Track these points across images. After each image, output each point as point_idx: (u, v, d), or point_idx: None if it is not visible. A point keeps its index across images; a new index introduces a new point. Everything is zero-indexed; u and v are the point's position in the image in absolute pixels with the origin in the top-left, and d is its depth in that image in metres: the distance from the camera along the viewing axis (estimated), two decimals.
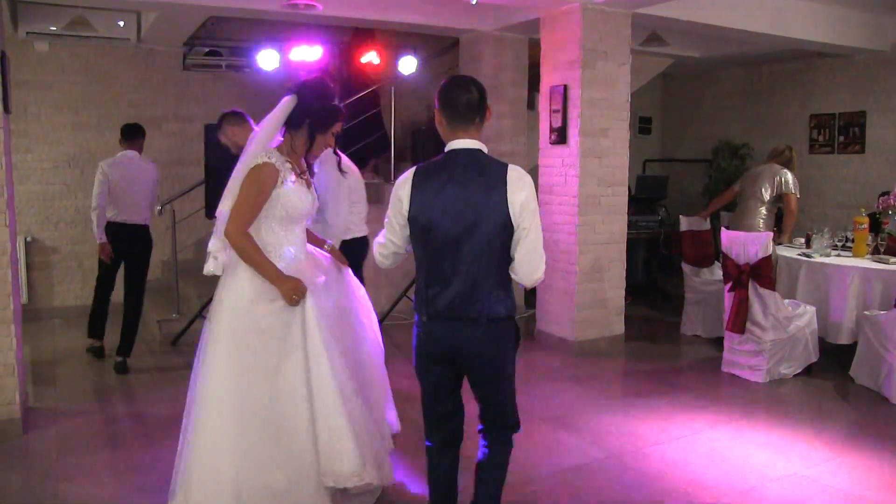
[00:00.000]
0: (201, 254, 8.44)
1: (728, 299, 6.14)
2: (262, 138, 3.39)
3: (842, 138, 9.97)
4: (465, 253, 2.95)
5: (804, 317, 6.08)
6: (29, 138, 8.29)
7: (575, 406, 5.33)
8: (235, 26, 8.64)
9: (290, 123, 3.42)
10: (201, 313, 6.87)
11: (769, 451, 4.62)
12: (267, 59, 7.56)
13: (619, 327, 7.30)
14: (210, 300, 6.62)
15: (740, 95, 11.31)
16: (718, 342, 6.63)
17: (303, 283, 3.33)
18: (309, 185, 3.52)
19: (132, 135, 6.69)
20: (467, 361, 3.04)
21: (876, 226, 6.94)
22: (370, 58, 7.83)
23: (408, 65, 8.08)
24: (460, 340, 3.01)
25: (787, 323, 5.97)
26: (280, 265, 3.35)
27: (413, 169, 3.05)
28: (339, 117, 3.56)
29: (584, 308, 6.95)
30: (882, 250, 6.57)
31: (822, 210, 10.02)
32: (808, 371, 6.18)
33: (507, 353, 3.08)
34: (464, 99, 2.98)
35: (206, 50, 8.75)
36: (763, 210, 7.09)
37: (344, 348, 3.44)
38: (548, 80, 7.20)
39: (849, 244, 6.95)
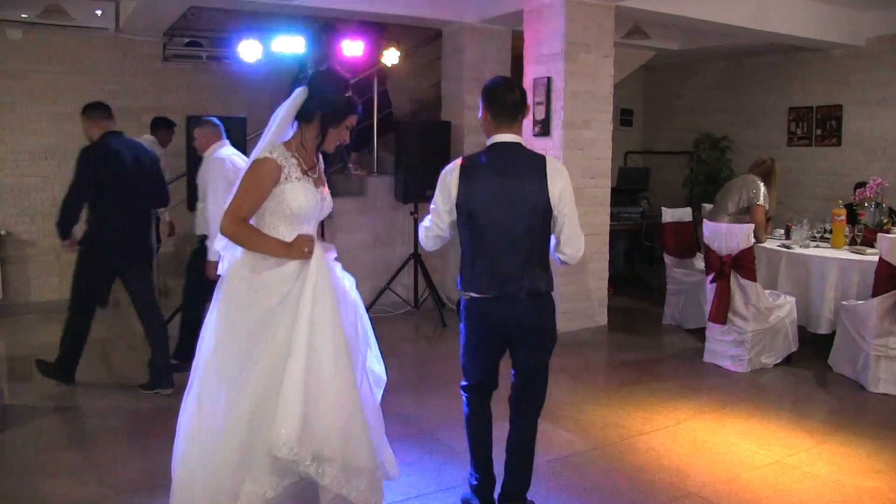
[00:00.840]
0: (182, 245, 8.46)
1: (710, 290, 6.19)
2: (273, 132, 3.24)
3: (819, 131, 10.07)
4: (508, 236, 3.30)
5: (784, 307, 6.16)
6: (2, 128, 8.19)
7: (559, 397, 5.36)
8: (216, 17, 8.59)
9: (302, 116, 3.25)
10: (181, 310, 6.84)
11: (751, 439, 4.67)
12: (249, 50, 7.52)
13: (602, 318, 7.35)
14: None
15: (720, 88, 11.39)
16: (700, 332, 6.69)
17: (308, 237, 3.19)
18: (320, 183, 3.35)
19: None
20: (516, 333, 3.38)
21: (853, 217, 7.03)
22: (354, 49, 7.79)
23: (390, 56, 8.06)
24: (507, 315, 3.34)
25: (767, 313, 6.04)
26: (284, 267, 3.15)
27: (458, 160, 3.38)
28: (353, 110, 3.33)
29: (567, 299, 6.99)
30: (859, 241, 6.66)
31: (801, 201, 10.13)
32: (789, 360, 6.26)
33: (551, 323, 3.49)
34: (510, 98, 3.36)
35: (187, 40, 8.68)
36: (726, 220, 7.15)
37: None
38: (531, 72, 7.21)
39: (827, 235, 7.03)
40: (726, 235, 6.03)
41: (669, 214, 7.65)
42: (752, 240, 5.97)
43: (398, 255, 8.15)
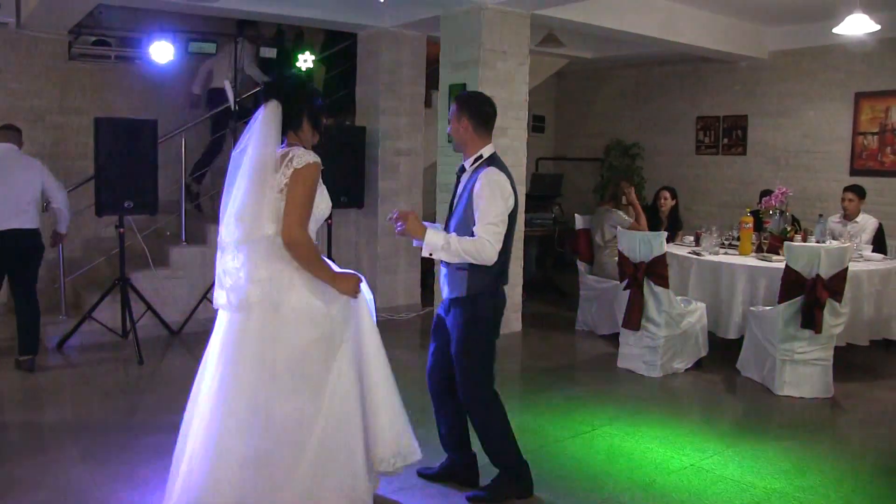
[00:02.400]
0: (90, 252, 8.16)
1: (624, 297, 6.29)
2: (269, 150, 3.22)
3: (726, 140, 10.39)
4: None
5: (695, 313, 6.31)
6: None
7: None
8: (126, 15, 8.30)
9: (289, 125, 3.33)
10: (90, 314, 6.60)
11: (666, 444, 4.76)
12: (161, 51, 7.30)
13: (516, 324, 7.40)
14: (101, 299, 6.43)
15: (631, 96, 11.63)
16: (613, 338, 6.80)
17: (356, 275, 3.43)
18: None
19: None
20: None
21: (759, 224, 7.25)
22: (268, 53, 7.68)
23: (305, 60, 7.96)
24: (503, 306, 3.88)
25: (679, 319, 6.17)
26: (342, 301, 3.37)
27: (497, 170, 3.64)
28: (320, 96, 3.54)
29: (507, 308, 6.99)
30: (765, 248, 6.88)
31: (708, 208, 10.42)
32: (699, 365, 6.41)
33: None
34: (493, 111, 3.82)
35: (95, 39, 8.35)
36: (605, 251, 7.41)
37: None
38: (447, 78, 7.21)
39: (735, 242, 7.23)
40: (640, 243, 6.14)
41: (582, 221, 7.76)
42: (665, 248, 6.09)
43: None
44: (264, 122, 3.25)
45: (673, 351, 6.23)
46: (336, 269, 3.38)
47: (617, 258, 6.58)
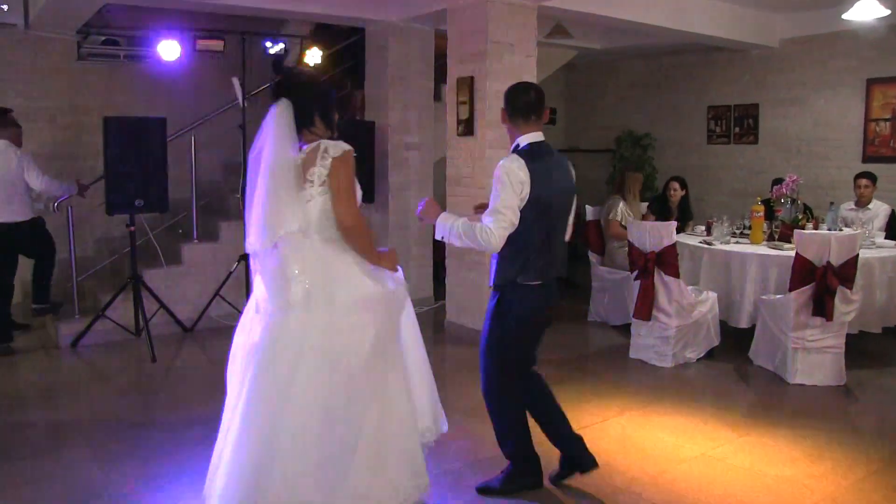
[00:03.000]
0: (102, 251, 8.22)
1: (635, 287, 6.28)
2: (283, 149, 3.18)
3: (737, 129, 10.34)
4: (563, 225, 3.77)
5: (706, 303, 6.29)
6: None
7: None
8: (134, 14, 8.34)
9: (303, 123, 3.26)
10: (103, 312, 6.64)
11: (677, 433, 4.76)
12: (168, 50, 7.33)
13: None
14: (113, 297, 6.47)
15: (641, 87, 11.59)
16: (625, 329, 6.79)
17: (394, 250, 3.49)
18: None
19: None
20: (546, 313, 3.81)
21: (770, 213, 7.22)
22: (276, 48, 7.69)
23: (313, 55, 7.97)
24: (550, 297, 3.77)
25: (690, 309, 6.16)
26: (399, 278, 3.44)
27: (516, 156, 3.58)
28: (332, 90, 3.52)
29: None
30: (776, 237, 6.84)
31: (720, 198, 10.38)
32: (711, 354, 6.39)
33: None
34: (531, 100, 3.70)
35: (103, 38, 8.40)
36: (613, 241, 7.54)
37: None
38: (454, 71, 7.21)
39: (746, 231, 7.20)
40: (650, 233, 6.13)
41: (593, 212, 7.75)
42: (675, 238, 6.08)
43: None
44: (277, 121, 3.21)
45: (685, 341, 6.21)
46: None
47: (626, 249, 6.58)
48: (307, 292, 3.14)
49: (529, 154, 3.60)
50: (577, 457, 3.94)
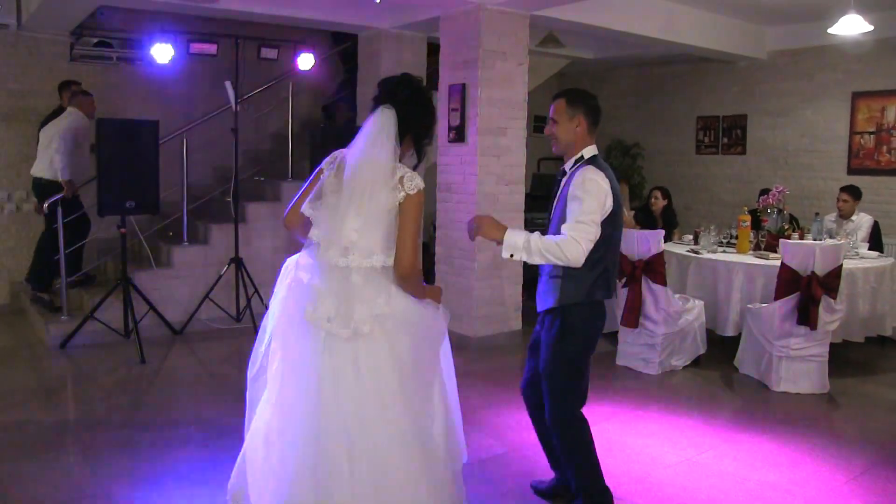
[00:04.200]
0: (92, 252, 8.22)
1: (622, 295, 6.34)
2: (382, 163, 2.96)
3: (725, 140, 10.44)
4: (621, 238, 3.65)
5: (693, 311, 6.35)
6: None
7: (476, 402, 5.40)
8: (127, 17, 8.36)
9: (401, 138, 3.06)
10: (92, 314, 6.65)
11: (662, 439, 4.81)
12: (162, 52, 7.35)
13: (517, 323, 7.44)
14: (103, 299, 6.48)
15: (632, 96, 11.68)
16: (612, 336, 6.84)
17: (440, 290, 3.29)
18: None
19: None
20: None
21: (757, 223, 7.30)
22: (269, 53, 7.71)
23: (306, 61, 8.00)
24: (605, 315, 3.66)
25: (677, 317, 6.22)
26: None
27: (595, 169, 3.42)
28: (436, 119, 3.26)
29: (483, 305, 7.05)
30: (763, 246, 6.93)
31: (708, 207, 10.47)
32: (697, 362, 6.45)
33: None
34: (600, 110, 3.62)
35: (96, 40, 8.42)
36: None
37: None
38: (446, 78, 7.26)
39: (733, 241, 7.28)
40: (638, 241, 6.19)
41: None
42: (663, 246, 6.14)
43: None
44: (378, 131, 3.00)
45: (671, 348, 6.28)
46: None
47: None
48: (369, 318, 2.94)
49: (600, 165, 3.46)
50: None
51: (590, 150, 3.52)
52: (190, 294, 7.44)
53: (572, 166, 3.52)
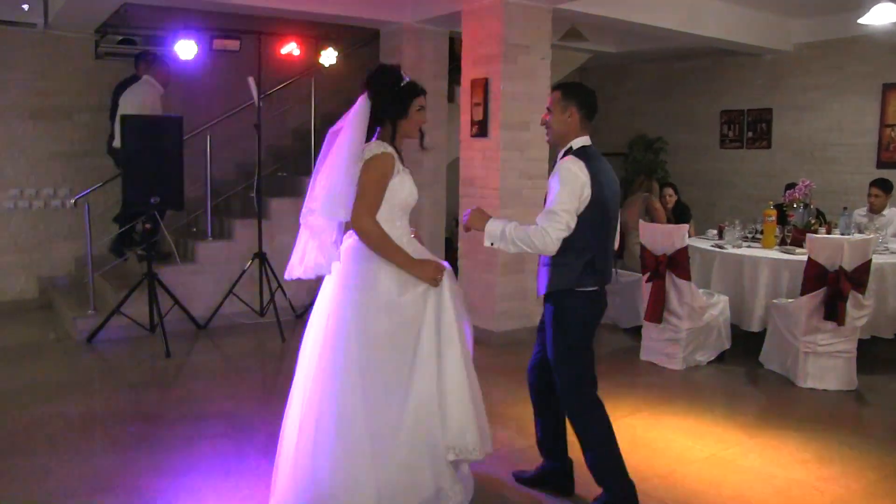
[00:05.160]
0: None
1: (646, 290, 6.30)
2: (354, 144, 3.35)
3: (750, 134, 10.34)
4: (615, 229, 3.68)
5: (718, 306, 6.30)
6: None
7: (499, 396, 5.39)
8: (151, 14, 8.41)
9: (376, 121, 3.43)
10: (118, 309, 6.70)
11: (687, 434, 4.78)
12: (185, 49, 7.38)
13: (538, 318, 7.39)
14: (129, 294, 6.54)
15: (655, 90, 11.60)
16: (636, 331, 6.81)
17: (439, 262, 3.42)
18: (409, 174, 3.51)
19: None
20: (598, 320, 3.71)
21: (783, 218, 7.22)
22: (290, 49, 7.72)
23: (328, 57, 8.01)
24: (604, 303, 3.69)
25: (702, 312, 6.17)
26: (419, 290, 3.37)
27: (575, 158, 3.49)
28: (415, 93, 3.50)
29: (505, 299, 7.04)
30: (788, 241, 6.85)
31: (733, 202, 10.38)
32: (722, 358, 6.40)
33: None
34: (596, 105, 3.68)
35: (120, 38, 8.48)
36: (635, 235, 7.43)
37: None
38: (469, 73, 7.24)
39: (758, 235, 7.21)
40: (662, 236, 6.15)
41: None
42: (687, 241, 6.09)
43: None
44: (354, 116, 3.39)
45: (695, 343, 6.23)
46: (418, 255, 3.40)
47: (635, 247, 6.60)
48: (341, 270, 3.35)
49: (586, 156, 3.52)
50: (561, 475, 3.92)
51: (579, 141, 3.61)
52: (214, 289, 7.49)
53: (562, 157, 3.61)
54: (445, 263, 3.48)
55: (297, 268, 3.46)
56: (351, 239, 3.42)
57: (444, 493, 3.36)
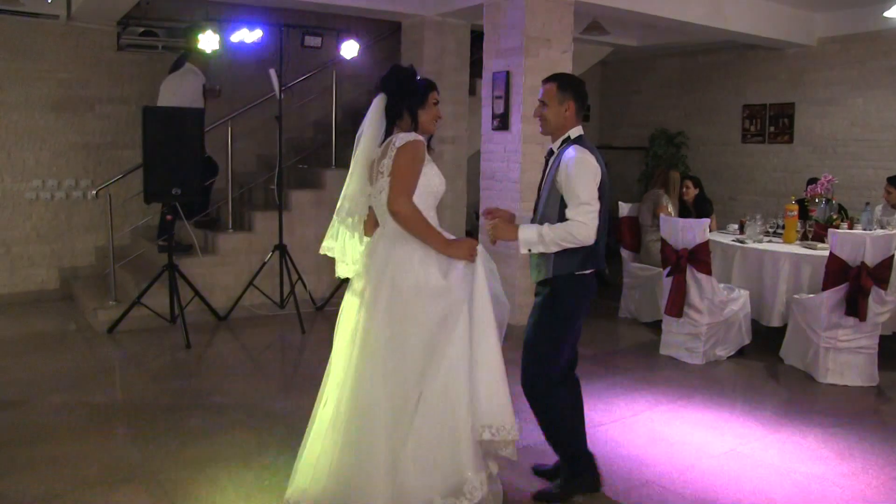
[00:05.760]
0: (138, 240, 8.36)
1: (666, 284, 6.28)
2: (370, 140, 3.46)
3: (772, 128, 10.27)
4: (608, 212, 3.67)
5: (738, 301, 6.27)
6: None
7: (518, 390, 5.38)
8: (172, 6, 8.47)
9: (393, 116, 3.47)
10: (139, 300, 6.76)
11: (706, 429, 4.76)
12: (206, 41, 7.42)
13: None
14: (149, 285, 6.59)
15: (676, 84, 11.54)
16: (656, 326, 6.79)
17: (472, 241, 3.42)
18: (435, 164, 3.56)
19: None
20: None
21: (804, 213, 7.17)
22: (312, 41, 7.73)
23: (349, 49, 8.02)
24: (596, 286, 3.80)
25: (722, 307, 6.14)
26: (455, 271, 3.36)
27: (582, 148, 3.57)
28: (430, 88, 3.56)
29: (526, 293, 7.03)
30: (810, 236, 6.81)
31: (754, 197, 10.32)
32: (742, 352, 6.37)
33: None
34: (587, 95, 3.79)
35: (142, 30, 8.53)
36: (650, 233, 7.41)
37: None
38: (490, 66, 7.24)
39: (779, 230, 7.17)
40: (682, 230, 6.12)
41: (626, 209, 7.74)
42: (708, 235, 6.06)
43: None
44: (372, 113, 3.48)
45: (715, 338, 6.20)
46: (449, 237, 3.41)
47: (660, 244, 6.57)
48: (380, 274, 3.32)
49: (585, 144, 3.64)
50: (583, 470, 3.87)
51: (576, 131, 3.70)
52: (234, 281, 7.53)
53: (560, 146, 3.69)
54: (475, 241, 3.47)
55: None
56: (386, 228, 3.41)
57: (468, 483, 3.26)
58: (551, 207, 3.62)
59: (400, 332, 3.25)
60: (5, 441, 4.46)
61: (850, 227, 6.76)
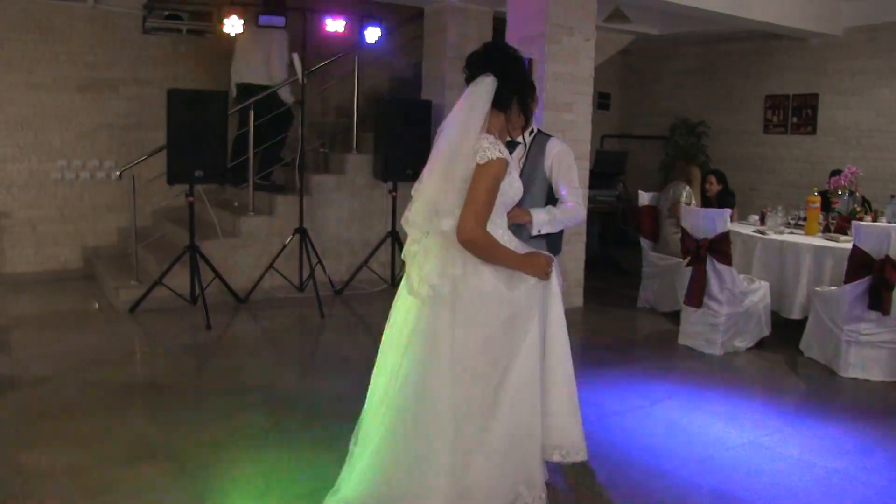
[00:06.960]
0: (159, 220, 8.41)
1: (686, 274, 6.26)
2: (468, 133, 3.00)
3: (795, 119, 10.19)
4: None
5: (758, 292, 6.24)
6: None
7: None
8: None
9: (500, 104, 3.09)
10: (161, 280, 6.81)
11: (724, 420, 4.75)
12: (231, 25, 7.43)
13: (578, 300, 7.41)
14: (171, 266, 6.64)
15: (697, 74, 11.46)
16: (675, 315, 6.77)
17: (547, 255, 3.23)
18: (515, 169, 3.33)
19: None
20: None
21: (827, 205, 7.12)
22: (335, 26, 7.72)
23: (373, 34, 8.01)
24: None
25: (742, 297, 6.12)
26: (529, 285, 3.14)
27: (557, 139, 4.05)
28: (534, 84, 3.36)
29: None
30: (832, 229, 6.77)
31: (775, 188, 10.25)
32: (761, 344, 6.35)
33: None
34: None
35: (167, 13, 8.54)
36: (667, 224, 7.42)
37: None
38: None
39: (801, 222, 7.12)
40: (703, 220, 6.10)
41: (646, 198, 7.72)
42: (729, 225, 6.04)
43: (376, 233, 8.18)
44: (471, 99, 3.07)
45: (735, 329, 6.18)
46: (522, 249, 3.21)
47: (679, 234, 6.55)
48: (453, 288, 3.02)
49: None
50: None
51: (538, 124, 4.25)
52: (255, 263, 7.57)
53: (531, 136, 4.02)
54: (549, 255, 3.29)
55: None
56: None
57: (520, 498, 3.10)
58: (537, 195, 3.93)
59: (462, 336, 3.02)
60: (32, 415, 4.54)
61: (874, 220, 6.72)
